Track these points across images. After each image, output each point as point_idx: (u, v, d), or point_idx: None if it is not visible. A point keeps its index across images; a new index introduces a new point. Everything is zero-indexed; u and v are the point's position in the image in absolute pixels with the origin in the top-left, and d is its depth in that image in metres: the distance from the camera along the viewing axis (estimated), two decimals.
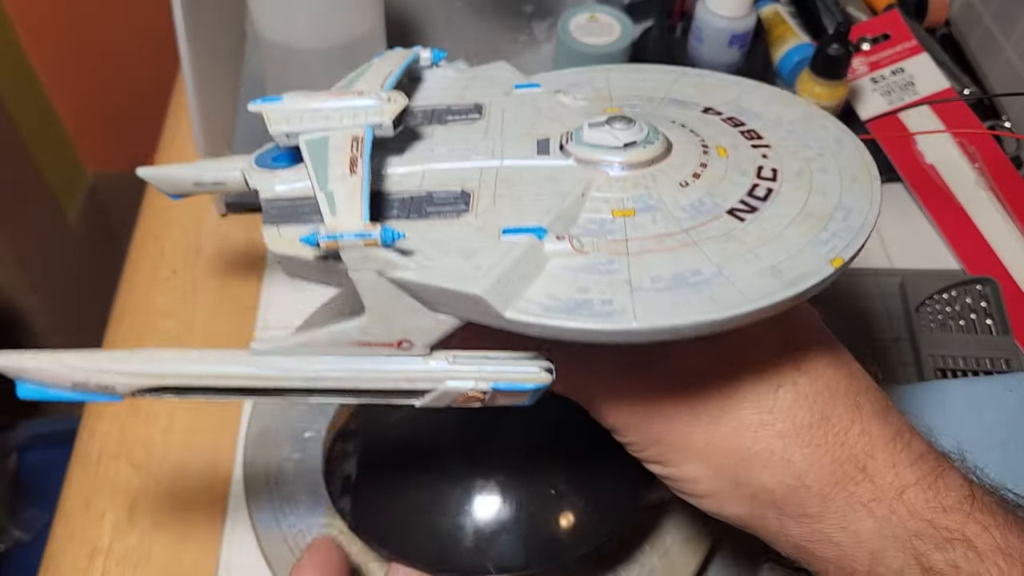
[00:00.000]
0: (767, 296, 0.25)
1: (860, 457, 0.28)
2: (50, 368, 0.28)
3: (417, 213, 0.28)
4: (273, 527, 0.43)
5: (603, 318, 0.25)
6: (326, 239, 0.25)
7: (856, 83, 0.61)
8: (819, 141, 0.31)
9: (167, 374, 0.28)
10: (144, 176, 0.36)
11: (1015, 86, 0.62)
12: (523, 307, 0.25)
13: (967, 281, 0.54)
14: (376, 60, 0.34)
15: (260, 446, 0.46)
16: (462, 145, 0.31)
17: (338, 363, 0.28)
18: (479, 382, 0.28)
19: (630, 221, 0.28)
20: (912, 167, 0.59)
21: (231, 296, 0.54)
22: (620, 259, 0.26)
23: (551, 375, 0.28)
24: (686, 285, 0.25)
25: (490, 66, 0.37)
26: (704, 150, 0.30)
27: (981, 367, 0.50)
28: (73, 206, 1.23)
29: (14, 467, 1.01)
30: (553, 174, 0.29)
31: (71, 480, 0.48)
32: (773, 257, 0.26)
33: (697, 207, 0.28)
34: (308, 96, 0.30)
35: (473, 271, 0.25)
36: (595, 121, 0.30)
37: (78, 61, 1.13)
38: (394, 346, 0.28)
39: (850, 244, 0.27)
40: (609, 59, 0.56)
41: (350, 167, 0.27)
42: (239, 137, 0.61)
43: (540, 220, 0.27)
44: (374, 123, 0.29)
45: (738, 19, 0.55)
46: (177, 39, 0.48)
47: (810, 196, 0.29)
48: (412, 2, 0.70)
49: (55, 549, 0.45)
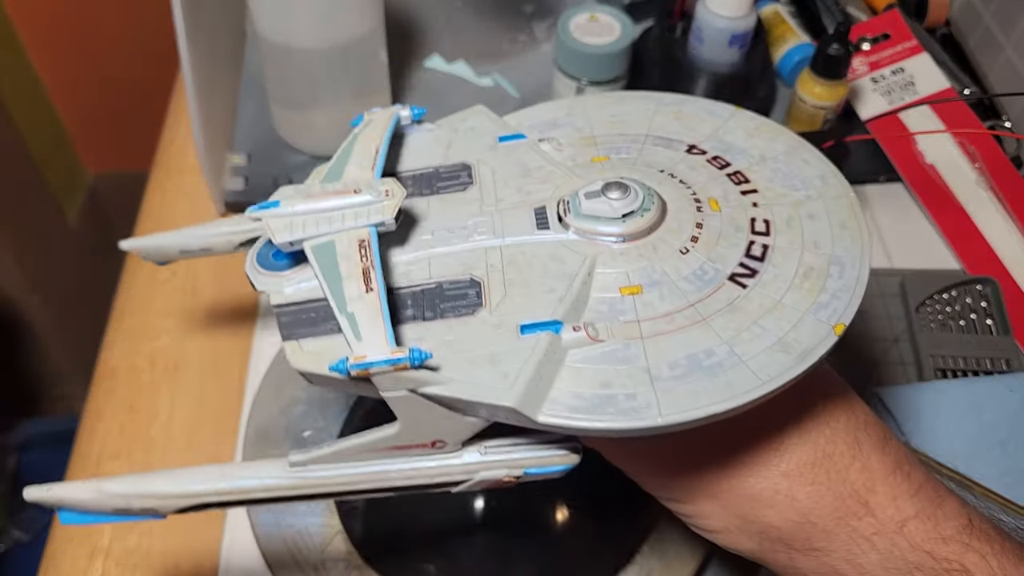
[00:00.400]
0: (780, 376, 0.26)
1: (862, 492, 0.29)
2: (90, 499, 0.28)
3: (431, 311, 0.29)
4: (272, 527, 0.43)
5: (630, 416, 0.26)
6: (356, 368, 0.25)
7: (856, 83, 0.61)
8: (804, 180, 0.32)
9: (208, 493, 0.29)
10: (128, 248, 0.36)
11: (1015, 86, 0.62)
12: (552, 410, 0.26)
13: (967, 281, 0.54)
14: (358, 128, 0.34)
15: (259, 445, 0.46)
16: (460, 223, 0.31)
17: (375, 467, 0.29)
18: (512, 470, 0.29)
19: (639, 299, 0.28)
20: (912, 167, 0.59)
21: (230, 296, 0.54)
22: (635, 344, 0.27)
23: (579, 455, 0.29)
24: (701, 369, 0.26)
25: (468, 112, 0.36)
26: (698, 206, 0.31)
27: (981, 367, 0.50)
28: (73, 206, 1.23)
29: (14, 467, 1.01)
30: (556, 251, 0.30)
31: (71, 479, 0.48)
32: (779, 328, 0.27)
33: (700, 276, 0.29)
34: (305, 196, 0.29)
35: (501, 380, 0.26)
36: (590, 191, 0.30)
37: (79, 62, 1.13)
38: (428, 446, 0.29)
39: (848, 305, 0.28)
40: (609, 59, 0.56)
41: (365, 282, 0.27)
42: (239, 137, 0.61)
43: (554, 311, 0.28)
44: (376, 222, 0.28)
45: (738, 19, 0.55)
46: (177, 39, 0.48)
47: (803, 252, 0.30)
48: (412, 2, 0.70)
49: (55, 549, 0.45)
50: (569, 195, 0.31)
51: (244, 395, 0.50)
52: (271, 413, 0.47)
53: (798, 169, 0.33)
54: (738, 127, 0.35)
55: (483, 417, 0.27)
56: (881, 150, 0.60)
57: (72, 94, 1.16)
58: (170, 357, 0.52)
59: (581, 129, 0.35)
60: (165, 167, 0.62)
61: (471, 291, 0.29)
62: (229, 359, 0.51)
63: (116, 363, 0.52)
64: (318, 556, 0.42)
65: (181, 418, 0.49)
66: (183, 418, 0.49)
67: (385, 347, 0.25)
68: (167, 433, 0.49)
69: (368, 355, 0.25)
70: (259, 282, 0.30)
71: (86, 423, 0.50)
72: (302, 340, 0.28)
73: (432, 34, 0.68)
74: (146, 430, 0.49)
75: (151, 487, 0.29)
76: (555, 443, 0.29)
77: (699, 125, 0.35)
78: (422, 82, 0.65)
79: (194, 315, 0.54)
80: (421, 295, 0.29)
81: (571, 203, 0.30)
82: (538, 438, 0.29)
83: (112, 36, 1.11)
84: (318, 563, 0.42)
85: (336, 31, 0.52)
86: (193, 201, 0.60)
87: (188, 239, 0.35)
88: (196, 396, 0.50)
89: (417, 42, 0.68)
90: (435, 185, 0.33)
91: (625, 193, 0.30)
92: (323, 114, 0.57)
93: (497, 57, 0.67)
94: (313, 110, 0.57)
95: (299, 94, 0.56)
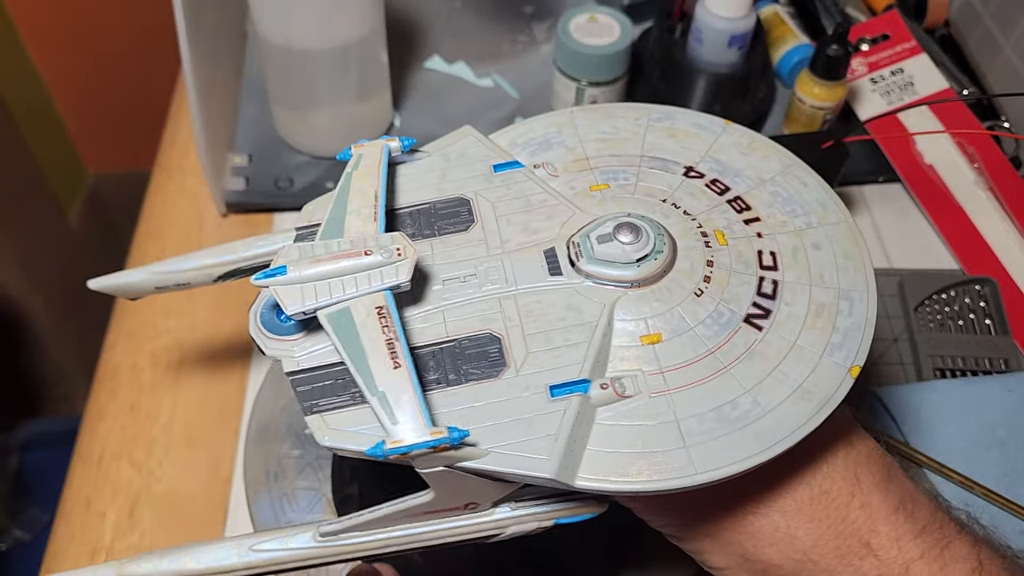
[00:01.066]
0: (804, 425, 0.27)
1: (863, 532, 0.28)
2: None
3: (455, 373, 0.28)
4: (272, 523, 0.43)
5: (665, 475, 0.26)
6: (394, 453, 0.25)
7: (855, 83, 0.61)
8: (804, 205, 0.33)
9: (238, 567, 0.28)
10: (97, 288, 0.35)
11: (1014, 86, 0.62)
12: (589, 473, 0.26)
13: (966, 281, 0.54)
14: (349, 166, 0.32)
15: (261, 442, 0.46)
16: (469, 269, 0.30)
17: (406, 531, 0.29)
18: (542, 522, 0.30)
19: (659, 349, 0.29)
20: (911, 167, 0.60)
21: (231, 296, 0.54)
22: (662, 398, 0.28)
23: (607, 504, 0.30)
24: (729, 422, 0.27)
25: (456, 135, 0.35)
26: (705, 240, 0.31)
27: (980, 367, 0.50)
28: (74, 206, 1.23)
29: (15, 466, 1.01)
30: (572, 299, 0.30)
31: (72, 479, 0.48)
32: (798, 374, 0.28)
33: (716, 320, 0.29)
34: (311, 259, 0.28)
35: (537, 450, 0.26)
36: (602, 233, 0.30)
37: (80, 62, 1.13)
38: (460, 508, 0.29)
39: (861, 345, 0.29)
40: (609, 60, 0.57)
41: (391, 356, 0.26)
42: (240, 138, 0.61)
43: (580, 369, 0.28)
44: (391, 285, 0.28)
45: (737, 20, 0.56)
46: (178, 40, 0.48)
47: (812, 287, 0.30)
48: (412, 2, 0.70)
49: (56, 548, 0.46)
50: (579, 236, 0.30)
51: (245, 394, 0.50)
52: (273, 410, 0.47)
53: (797, 193, 0.33)
54: (731, 144, 0.35)
55: (516, 482, 0.28)
56: (880, 150, 0.60)
57: (74, 94, 1.17)
58: (171, 357, 0.52)
59: (573, 149, 0.34)
60: (166, 167, 0.63)
61: (492, 348, 0.28)
62: (230, 358, 0.52)
63: (117, 363, 0.52)
64: None
65: (182, 418, 0.49)
66: (184, 418, 0.49)
67: (423, 429, 0.25)
68: (168, 433, 0.49)
69: (405, 439, 0.25)
70: (268, 348, 0.29)
71: (87, 423, 0.50)
72: (326, 414, 0.27)
73: (432, 35, 0.69)
74: (148, 430, 0.49)
75: (177, 568, 0.28)
76: (583, 493, 0.29)
77: (692, 143, 0.35)
78: (422, 83, 0.65)
79: (195, 315, 0.54)
80: (441, 354, 0.28)
81: (582, 247, 0.30)
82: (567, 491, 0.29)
83: (113, 36, 1.11)
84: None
85: (337, 32, 0.52)
86: (194, 201, 0.60)
87: (163, 276, 0.34)
88: (197, 395, 0.50)
89: (417, 43, 0.68)
90: (435, 224, 0.32)
91: (637, 236, 0.30)
92: (324, 115, 0.57)
93: (497, 58, 0.67)
94: (314, 111, 0.57)
95: (300, 95, 0.56)
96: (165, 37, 0.61)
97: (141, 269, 0.34)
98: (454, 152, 0.35)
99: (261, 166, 0.59)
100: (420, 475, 0.26)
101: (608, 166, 0.34)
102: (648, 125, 0.35)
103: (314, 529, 0.29)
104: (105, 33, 1.10)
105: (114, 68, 1.14)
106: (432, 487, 0.27)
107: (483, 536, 0.30)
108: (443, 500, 0.28)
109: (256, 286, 0.28)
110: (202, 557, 0.28)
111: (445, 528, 0.29)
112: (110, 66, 1.14)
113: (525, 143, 0.35)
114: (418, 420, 0.25)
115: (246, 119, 0.62)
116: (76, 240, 1.21)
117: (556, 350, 0.28)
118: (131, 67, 1.13)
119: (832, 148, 0.51)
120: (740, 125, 0.35)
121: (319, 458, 0.45)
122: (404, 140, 0.34)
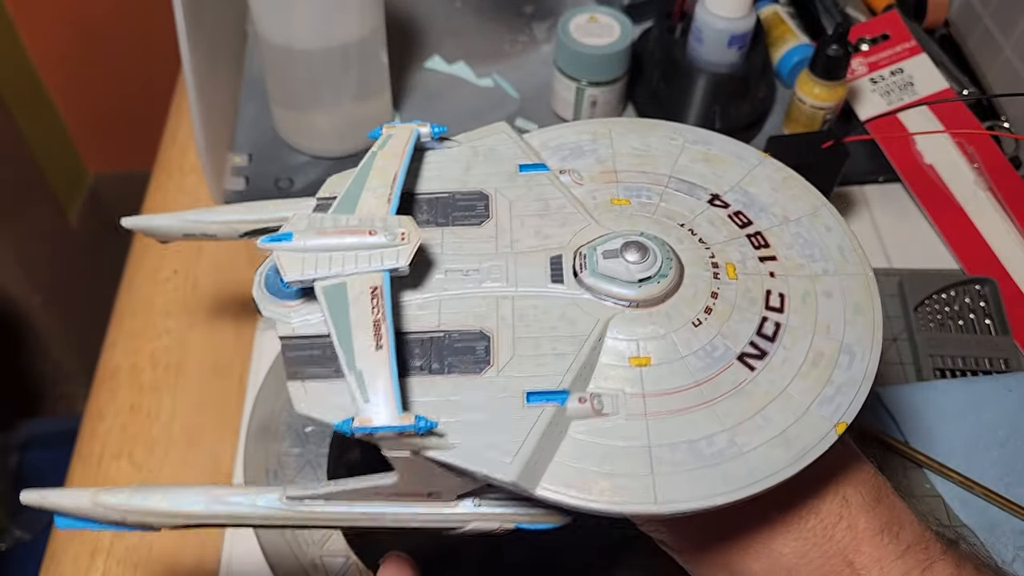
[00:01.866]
0: (777, 473, 0.27)
1: (848, 552, 0.28)
2: (86, 508, 0.29)
3: (438, 363, 0.28)
4: None
5: (626, 499, 0.26)
6: (361, 431, 0.25)
7: (855, 83, 0.61)
8: (824, 251, 0.32)
9: (203, 515, 0.29)
10: (130, 226, 0.35)
11: (1014, 86, 0.62)
12: (551, 484, 0.26)
13: (966, 281, 0.54)
14: (376, 144, 0.33)
15: (261, 441, 0.46)
16: (474, 264, 0.31)
17: (369, 508, 0.29)
18: (503, 523, 0.30)
19: (646, 372, 0.28)
20: (911, 167, 0.60)
21: (231, 295, 0.54)
22: (638, 421, 0.27)
23: (569, 517, 0.29)
24: (701, 458, 0.27)
25: (489, 129, 0.36)
26: (715, 272, 0.30)
27: (980, 367, 0.50)
28: (74, 206, 1.23)
29: (15, 466, 1.01)
30: (568, 311, 0.29)
31: (72, 479, 0.48)
32: (782, 421, 0.28)
33: (709, 353, 0.29)
34: (318, 231, 0.29)
35: (502, 453, 0.26)
36: (609, 249, 0.30)
37: (80, 62, 1.13)
38: (423, 496, 0.29)
39: (853, 402, 0.28)
40: (609, 60, 0.57)
41: (375, 336, 0.27)
42: (240, 138, 0.61)
43: (561, 380, 0.28)
44: (390, 267, 0.28)
45: (737, 20, 0.56)
46: (178, 40, 0.49)
47: (815, 335, 0.30)
48: (412, 2, 0.70)
49: (56, 548, 0.46)
50: (587, 248, 0.30)
51: (245, 394, 0.50)
52: (273, 408, 0.47)
53: (819, 237, 0.32)
54: (764, 178, 0.34)
55: (479, 479, 0.28)
56: (880, 150, 0.60)
57: (74, 94, 1.17)
58: (171, 357, 0.52)
59: (603, 161, 0.34)
60: (166, 167, 0.63)
61: (479, 345, 0.29)
62: (230, 358, 0.52)
63: (117, 362, 0.52)
64: (317, 552, 0.42)
65: (182, 417, 0.49)
66: (184, 417, 0.49)
67: (392, 413, 0.25)
68: (168, 432, 0.49)
69: (374, 419, 0.25)
70: (266, 309, 0.30)
71: (87, 422, 0.50)
72: (307, 382, 0.28)
73: (432, 35, 0.69)
74: (147, 429, 0.49)
75: (147, 504, 0.29)
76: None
77: (725, 171, 0.34)
78: (422, 83, 0.65)
79: (195, 314, 0.54)
80: (430, 343, 0.29)
81: (588, 259, 0.30)
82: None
83: (114, 36, 1.11)
84: (317, 559, 0.42)
85: (337, 32, 0.52)
86: (194, 201, 0.60)
87: (192, 224, 0.34)
88: (197, 395, 0.50)
89: (417, 43, 0.68)
90: (451, 215, 0.32)
91: (644, 256, 0.29)
92: (324, 115, 0.57)
93: (497, 58, 0.67)
94: (314, 111, 0.57)
95: (300, 95, 0.56)
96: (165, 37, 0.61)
97: (172, 215, 0.35)
98: (483, 146, 0.35)
99: (261, 166, 0.59)
100: (386, 457, 0.27)
101: (634, 182, 0.34)
102: (684, 147, 0.35)
103: (281, 491, 0.29)
104: (106, 33, 1.10)
105: (114, 68, 1.14)
106: (396, 470, 0.27)
107: (445, 527, 0.30)
108: (406, 485, 0.28)
109: (261, 248, 0.29)
110: (172, 498, 0.29)
111: (408, 512, 0.29)
112: (110, 66, 1.14)
113: (557, 147, 0.35)
114: (389, 404, 0.25)
115: (246, 119, 0.62)
116: (76, 240, 1.22)
117: (542, 357, 0.28)
118: (131, 67, 1.13)
119: (832, 148, 0.51)
120: (778, 161, 0.35)
121: (319, 456, 0.45)
122: (435, 127, 0.34)
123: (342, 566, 0.42)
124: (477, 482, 0.28)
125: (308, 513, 0.29)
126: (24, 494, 0.29)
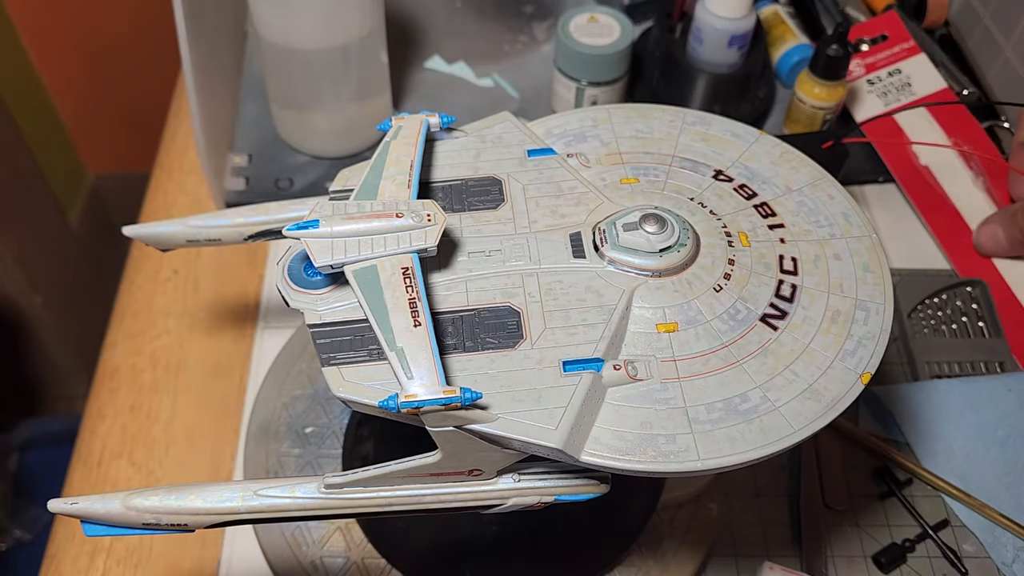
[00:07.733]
0: (810, 424, 0.28)
1: None
2: (118, 514, 0.28)
3: (472, 341, 0.29)
4: (273, 525, 0.43)
5: (670, 459, 0.27)
6: (407, 407, 0.25)
7: (852, 85, 0.61)
8: (828, 217, 0.34)
9: (241, 510, 0.29)
10: (132, 235, 0.35)
11: (1014, 86, 0.62)
12: (595, 449, 0.27)
13: (957, 284, 0.54)
14: (388, 135, 0.33)
15: (261, 441, 0.46)
16: (495, 245, 0.31)
17: (409, 491, 0.30)
18: (543, 496, 0.30)
19: (675, 338, 0.30)
20: (906, 168, 0.59)
21: (231, 295, 0.54)
22: (673, 384, 0.29)
23: (608, 485, 0.30)
24: (737, 414, 0.28)
25: (494, 119, 0.37)
26: (729, 240, 0.32)
27: (976, 371, 0.50)
28: (75, 207, 1.23)
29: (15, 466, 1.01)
30: (593, 282, 0.30)
31: (72, 479, 0.48)
32: (809, 375, 0.29)
33: (732, 316, 0.30)
34: (344, 216, 0.29)
35: (546, 420, 0.27)
36: (628, 222, 0.31)
37: (80, 63, 1.13)
38: (464, 474, 0.29)
39: (874, 354, 0.30)
40: (609, 60, 0.57)
41: (412, 315, 0.27)
42: (240, 138, 0.61)
43: (595, 348, 0.29)
44: (419, 248, 0.29)
45: (737, 20, 0.56)
46: (178, 40, 0.49)
47: (830, 295, 0.31)
48: (412, 2, 0.70)
49: (56, 548, 0.46)
50: (605, 223, 0.31)
51: (246, 394, 0.50)
52: (274, 408, 0.47)
53: (823, 205, 0.34)
54: (762, 153, 0.36)
55: (522, 451, 0.28)
56: (876, 152, 0.60)
57: (74, 95, 1.17)
58: (171, 357, 0.52)
59: (608, 144, 0.36)
60: (166, 167, 0.63)
61: (510, 321, 0.29)
62: (231, 358, 0.52)
63: (117, 363, 0.52)
64: (317, 552, 0.42)
65: (183, 418, 0.49)
66: (185, 418, 0.49)
67: (437, 386, 0.26)
68: (168, 433, 0.49)
69: (419, 394, 0.25)
70: (293, 299, 0.30)
71: (87, 423, 0.50)
72: (342, 367, 0.28)
73: (432, 35, 0.69)
74: (148, 430, 0.49)
75: (182, 503, 0.28)
76: (587, 472, 0.30)
77: (724, 148, 0.36)
78: (422, 83, 0.65)
79: (195, 315, 0.54)
80: (460, 321, 0.29)
81: (607, 233, 0.31)
82: (571, 467, 0.30)
83: (113, 37, 1.11)
84: (317, 559, 0.42)
85: (337, 32, 0.52)
86: (194, 201, 0.60)
87: (196, 229, 0.34)
88: (198, 396, 0.50)
89: (417, 43, 0.68)
90: (466, 200, 0.33)
91: (662, 227, 0.31)
92: (324, 115, 0.57)
93: (497, 58, 0.67)
94: (314, 111, 0.57)
95: (300, 95, 0.56)
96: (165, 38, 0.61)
97: (176, 220, 0.35)
98: (491, 135, 0.36)
99: (261, 166, 0.59)
100: (430, 433, 0.27)
101: (640, 162, 0.35)
102: (683, 128, 0.37)
103: (319, 480, 0.29)
104: (105, 33, 1.10)
105: (114, 69, 1.14)
106: (440, 447, 0.28)
107: (485, 505, 0.30)
108: (449, 463, 0.28)
109: (288, 236, 0.29)
110: (208, 496, 0.29)
111: (448, 492, 0.30)
112: (110, 67, 1.14)
113: (561, 133, 0.36)
114: (433, 377, 0.26)
115: (246, 119, 0.62)
116: (76, 240, 1.21)
117: (573, 328, 0.29)
118: (131, 68, 1.13)
119: (832, 148, 0.51)
120: (773, 137, 0.36)
121: (319, 457, 0.45)
122: (444, 117, 0.35)
123: (342, 566, 0.42)
124: (518, 455, 0.28)
125: (348, 500, 0.29)
126: (52, 504, 0.28)
